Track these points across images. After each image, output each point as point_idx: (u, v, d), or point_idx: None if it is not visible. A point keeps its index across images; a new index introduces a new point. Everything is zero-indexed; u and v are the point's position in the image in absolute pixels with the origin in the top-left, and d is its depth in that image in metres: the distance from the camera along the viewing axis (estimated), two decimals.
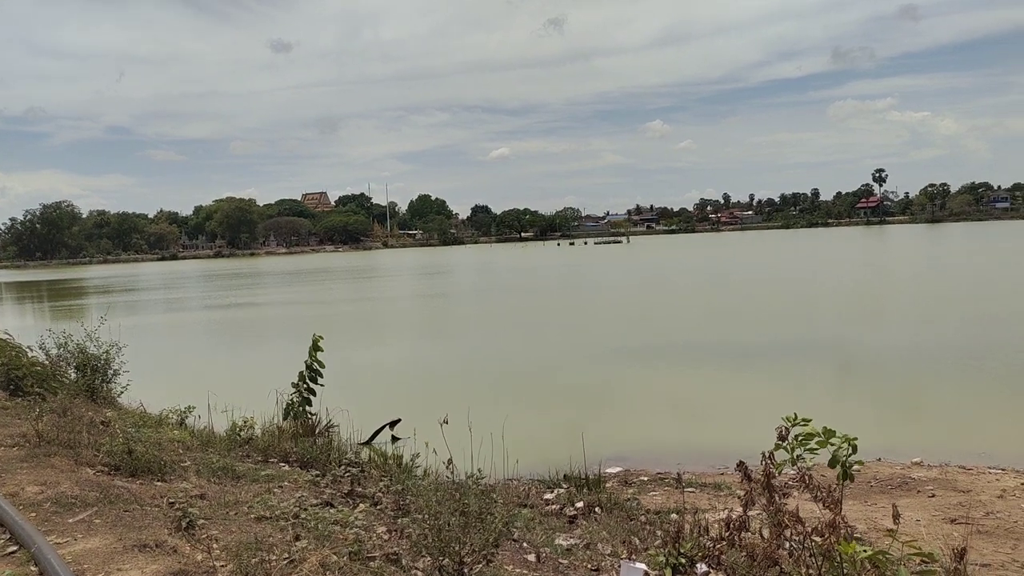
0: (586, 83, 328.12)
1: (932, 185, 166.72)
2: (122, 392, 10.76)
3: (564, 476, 8.54)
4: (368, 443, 10.63)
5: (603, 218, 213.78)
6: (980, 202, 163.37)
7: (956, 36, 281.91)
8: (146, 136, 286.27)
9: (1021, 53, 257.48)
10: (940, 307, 26.19)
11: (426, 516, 4.02)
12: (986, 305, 25.85)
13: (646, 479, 9.19)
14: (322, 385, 9.16)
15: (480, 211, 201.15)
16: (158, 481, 5.54)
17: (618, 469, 9.75)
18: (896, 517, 4.13)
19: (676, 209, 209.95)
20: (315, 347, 9.06)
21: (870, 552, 3.70)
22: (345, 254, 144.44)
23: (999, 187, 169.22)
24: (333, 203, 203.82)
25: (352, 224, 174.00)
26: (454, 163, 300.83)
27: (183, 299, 48.38)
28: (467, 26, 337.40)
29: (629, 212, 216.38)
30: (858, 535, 6.27)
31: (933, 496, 7.72)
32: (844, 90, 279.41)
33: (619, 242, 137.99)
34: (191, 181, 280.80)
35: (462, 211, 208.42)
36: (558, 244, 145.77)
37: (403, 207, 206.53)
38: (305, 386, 8.90)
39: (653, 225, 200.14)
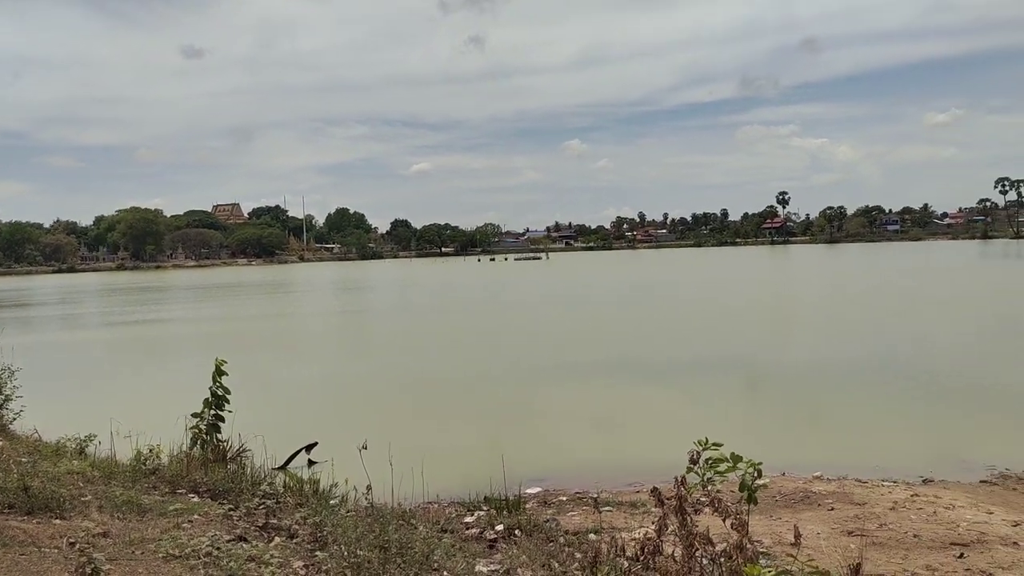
0: (507, 101, 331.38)
1: (830, 208, 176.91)
2: (14, 419, 10.09)
3: (484, 498, 8.56)
4: (283, 468, 10.34)
5: (523, 234, 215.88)
6: (873, 224, 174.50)
7: (852, 68, 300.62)
8: (44, 142, 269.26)
9: (910, 86, 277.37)
10: (840, 324, 27.78)
11: (344, 551, 3.97)
12: (882, 322, 27.62)
13: (565, 499, 9.32)
14: (230, 411, 8.86)
15: (400, 225, 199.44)
16: (56, 519, 5.22)
17: (538, 489, 9.86)
18: (797, 536, 4.39)
19: (594, 227, 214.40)
20: (219, 371, 8.74)
21: (773, 572, 3.92)
22: (259, 268, 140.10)
23: (890, 210, 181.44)
24: (247, 215, 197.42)
25: (266, 237, 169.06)
26: (374, 177, 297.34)
27: (82, 315, 45.70)
28: (388, 40, 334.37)
29: (548, 229, 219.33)
30: (764, 550, 6.59)
31: (832, 509, 8.17)
32: (751, 115, 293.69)
33: (539, 258, 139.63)
34: (93, 190, 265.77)
35: (381, 225, 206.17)
36: (478, 260, 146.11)
37: (320, 220, 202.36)
38: (212, 412, 8.58)
39: (572, 242, 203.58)
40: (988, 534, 7.09)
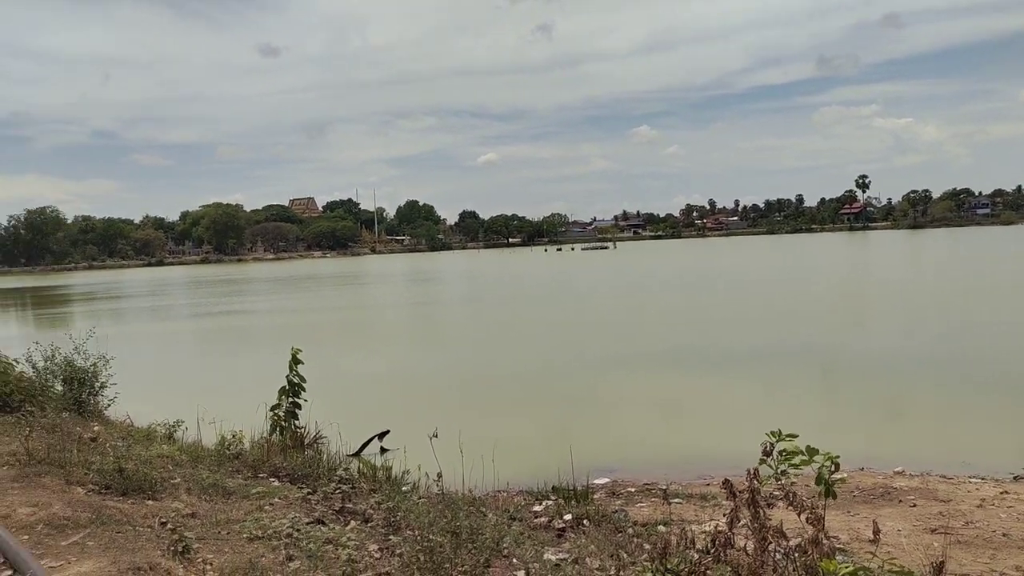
0: (574, 89, 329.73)
1: (914, 191, 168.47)
2: (109, 405, 10.71)
3: (552, 488, 8.60)
4: (357, 455, 10.65)
5: (590, 224, 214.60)
6: (961, 208, 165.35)
7: (938, 44, 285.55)
8: (132, 141, 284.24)
9: (1000, 61, 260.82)
10: (925, 313, 26.49)
11: (417, 535, 4.07)
12: (971, 312, 26.20)
13: (633, 490, 9.26)
14: (306, 400, 9.17)
15: (468, 217, 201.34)
16: (149, 500, 5.54)
17: (606, 480, 9.82)
18: (876, 532, 4.24)
19: (663, 215, 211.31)
20: (295, 360, 9.05)
21: (851, 569, 3.80)
22: (333, 260, 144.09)
23: (980, 193, 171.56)
24: (321, 208, 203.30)
25: (340, 230, 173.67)
26: (442, 168, 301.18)
27: (170, 307, 48.07)
28: (455, 31, 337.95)
29: (616, 218, 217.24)
30: (840, 546, 6.39)
31: (914, 506, 7.84)
32: (829, 96, 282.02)
33: (606, 248, 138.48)
34: (177, 186, 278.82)
35: (450, 216, 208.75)
36: (545, 250, 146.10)
37: (391, 213, 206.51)
38: (290, 400, 8.91)
39: (640, 231, 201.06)
40: None
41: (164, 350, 26.57)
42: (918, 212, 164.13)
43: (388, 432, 11.47)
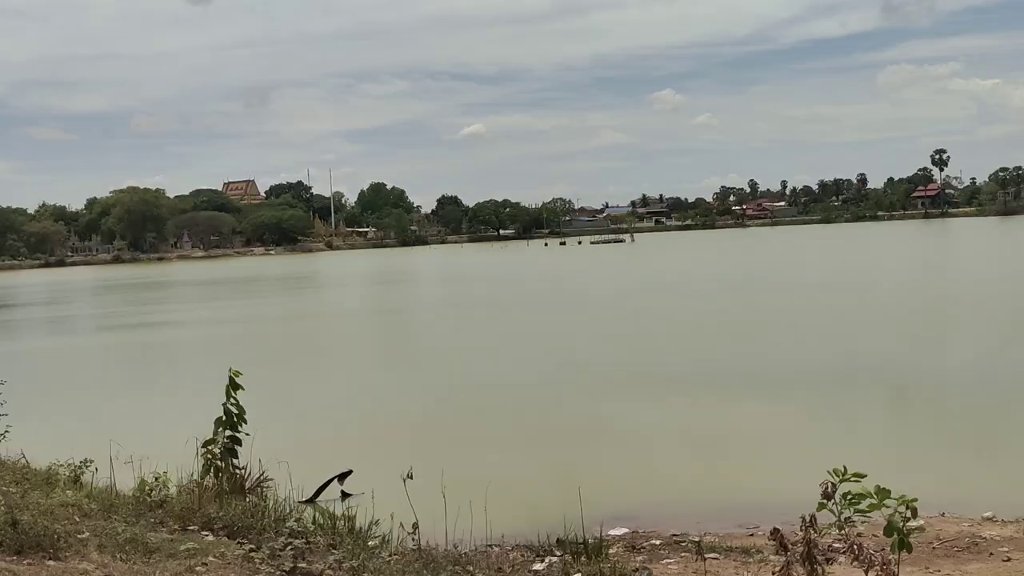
0: (581, 44, 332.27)
1: (1004, 169, 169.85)
2: None
3: (557, 540, 8.62)
4: (312, 501, 10.63)
5: (601, 211, 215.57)
6: None
7: None
8: (23, 110, 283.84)
9: None
10: (1017, 323, 26.67)
11: None
12: None
13: (658, 543, 9.28)
14: (247, 434, 9.15)
15: (448, 203, 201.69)
16: (50, 559, 5.51)
17: (624, 530, 9.84)
18: None
19: (692, 200, 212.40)
20: (233, 385, 9.02)
21: None
22: (279, 257, 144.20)
23: None
24: (263, 194, 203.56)
25: (288, 220, 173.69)
26: (416, 143, 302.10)
27: (74, 317, 48.02)
28: None
29: (634, 204, 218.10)
30: None
31: (1008, 560, 7.90)
32: (897, 52, 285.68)
33: (621, 241, 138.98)
34: (83, 166, 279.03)
35: (426, 203, 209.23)
36: (546, 244, 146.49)
37: (351, 199, 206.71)
38: (227, 434, 8.87)
39: (664, 219, 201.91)
40: None
41: (67, 372, 26.49)
42: (1009, 195, 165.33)
43: (351, 472, 11.45)
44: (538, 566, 7.86)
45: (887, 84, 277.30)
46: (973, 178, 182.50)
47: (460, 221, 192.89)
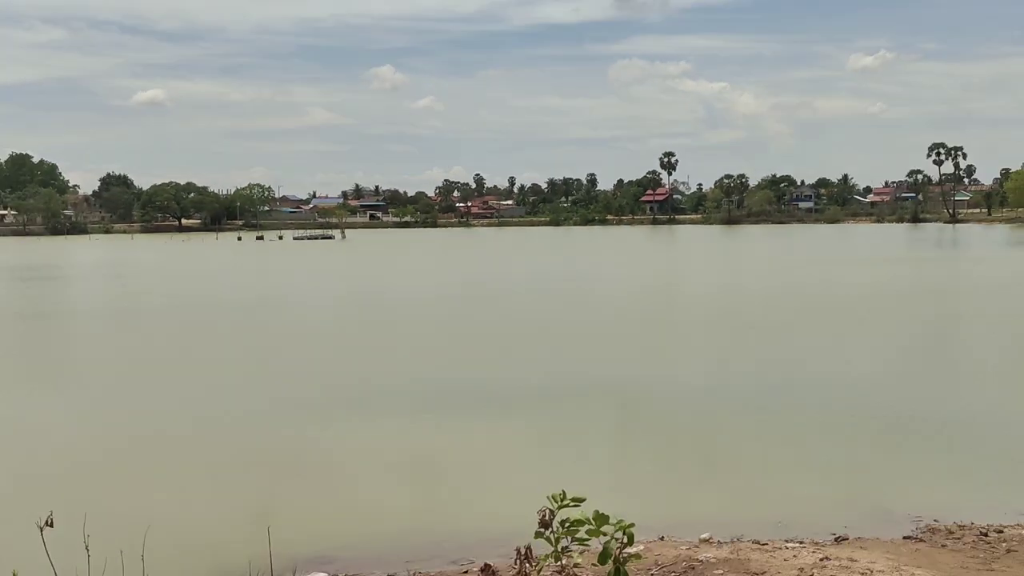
0: (284, 4, 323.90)
1: (729, 176, 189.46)
2: None
3: None
4: None
5: (307, 202, 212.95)
6: (781, 200, 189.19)
7: None
8: None
9: (832, 17, 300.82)
10: (736, 338, 29.81)
11: None
12: (789, 336, 29.96)
13: None
14: None
15: (115, 184, 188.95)
16: None
17: (322, 575, 9.75)
18: None
19: (412, 193, 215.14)
20: None
21: None
22: None
23: (803, 182, 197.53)
24: None
25: None
26: (74, 107, 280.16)
27: None
28: None
29: (345, 195, 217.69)
30: None
31: None
32: (629, 45, 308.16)
33: (331, 238, 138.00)
34: None
35: (85, 183, 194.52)
36: (239, 238, 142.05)
37: None
38: None
39: (380, 215, 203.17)
40: None
41: None
42: (733, 203, 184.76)
43: None
44: None
45: (617, 79, 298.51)
46: (700, 184, 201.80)
47: (131, 207, 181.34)
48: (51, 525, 6.54)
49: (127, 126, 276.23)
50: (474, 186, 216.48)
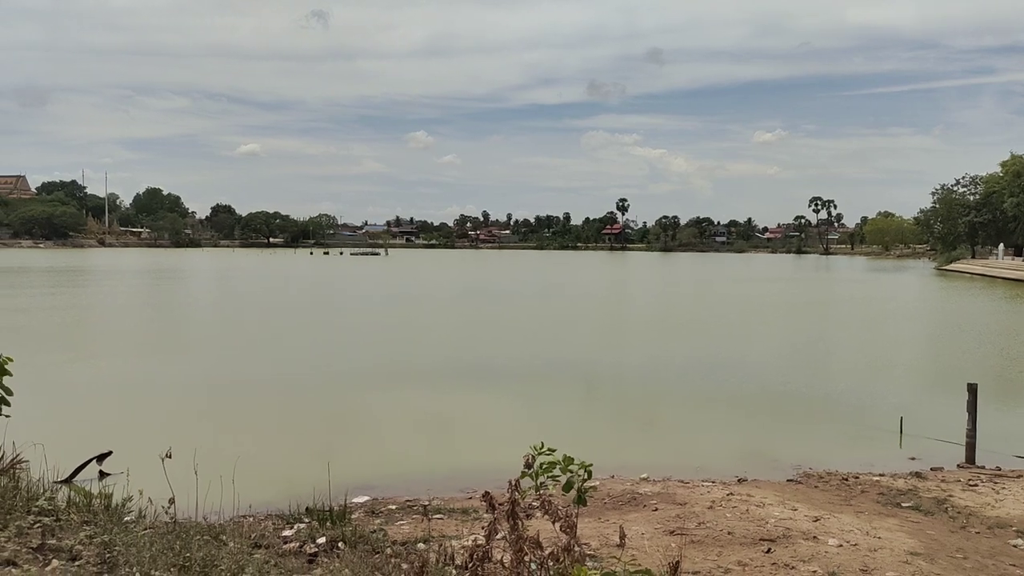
0: (348, 85, 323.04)
1: (665, 217, 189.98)
2: None
3: (306, 509, 8.27)
4: (69, 481, 9.40)
5: (361, 228, 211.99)
6: (703, 235, 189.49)
7: (691, 83, 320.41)
8: None
9: (741, 104, 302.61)
10: (673, 331, 29.83)
11: (136, 573, 3.65)
12: (707, 331, 29.98)
13: (394, 507, 9.24)
14: (7, 416, 7.89)
15: (222, 211, 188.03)
16: None
17: (365, 498, 9.69)
18: (623, 538, 4.65)
19: (436, 223, 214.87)
20: (1, 370, 7.78)
21: (598, 574, 4.12)
22: (48, 251, 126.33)
23: (719, 222, 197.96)
24: (34, 190, 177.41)
25: (59, 216, 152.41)
26: (193, 156, 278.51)
27: None
28: (215, 5, 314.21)
29: (389, 223, 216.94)
30: (591, 552, 6.90)
31: (656, 510, 8.73)
32: (596, 121, 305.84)
33: (377, 254, 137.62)
34: None
35: (200, 210, 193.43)
36: (311, 252, 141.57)
37: (127, 201, 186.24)
38: None
39: (413, 238, 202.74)
40: (792, 530, 7.89)
41: None
42: (668, 236, 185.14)
43: (110, 454, 10.29)
44: (288, 532, 7.48)
45: (588, 145, 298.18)
46: (644, 222, 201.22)
47: (233, 228, 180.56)
48: (170, 457, 6.49)
49: (232, 170, 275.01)
50: (482, 219, 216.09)
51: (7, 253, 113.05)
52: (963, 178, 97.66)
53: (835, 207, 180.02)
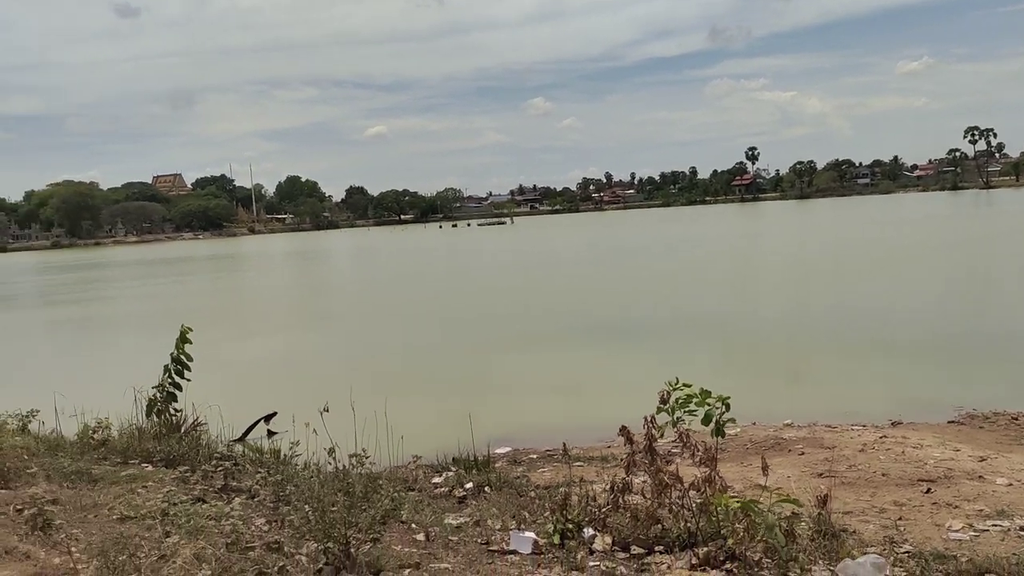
0: (464, 58, 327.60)
1: (800, 162, 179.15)
2: None
3: (453, 459, 8.69)
4: (241, 439, 10.32)
5: (486, 199, 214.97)
6: (843, 178, 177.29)
7: (822, 17, 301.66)
8: None
9: (880, 34, 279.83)
10: (812, 280, 28.40)
11: (309, 500, 4.02)
12: (855, 275, 28.31)
13: (535, 457, 9.50)
14: (189, 380, 8.78)
15: (356, 193, 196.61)
16: (1, 489, 5.16)
17: (507, 449, 10.01)
18: (765, 468, 4.57)
19: (559, 188, 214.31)
20: (183, 339, 8.68)
21: (742, 502, 4.08)
22: (207, 241, 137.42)
23: (860, 163, 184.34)
24: (190, 186, 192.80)
25: (213, 209, 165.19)
26: (326, 142, 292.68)
27: (17, 295, 44.45)
28: None
29: (512, 192, 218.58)
30: (734, 494, 6.83)
31: (803, 454, 8.47)
32: (719, 69, 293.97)
33: (503, 223, 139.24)
34: (19, 163, 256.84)
35: (336, 193, 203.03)
36: (440, 226, 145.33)
37: (270, 190, 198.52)
38: (170, 380, 8.50)
39: (537, 205, 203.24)
40: (955, 470, 7.42)
41: (13, 341, 24.59)
42: (804, 183, 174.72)
43: (275, 414, 11.17)
44: (437, 479, 7.91)
45: (711, 95, 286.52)
46: (777, 170, 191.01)
47: (366, 208, 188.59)
48: (327, 411, 7.01)
49: (362, 152, 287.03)
50: (605, 181, 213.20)
51: (174, 246, 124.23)
52: None
53: (995, 135, 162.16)
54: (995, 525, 5.89)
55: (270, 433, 10.84)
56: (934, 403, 10.86)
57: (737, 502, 4.16)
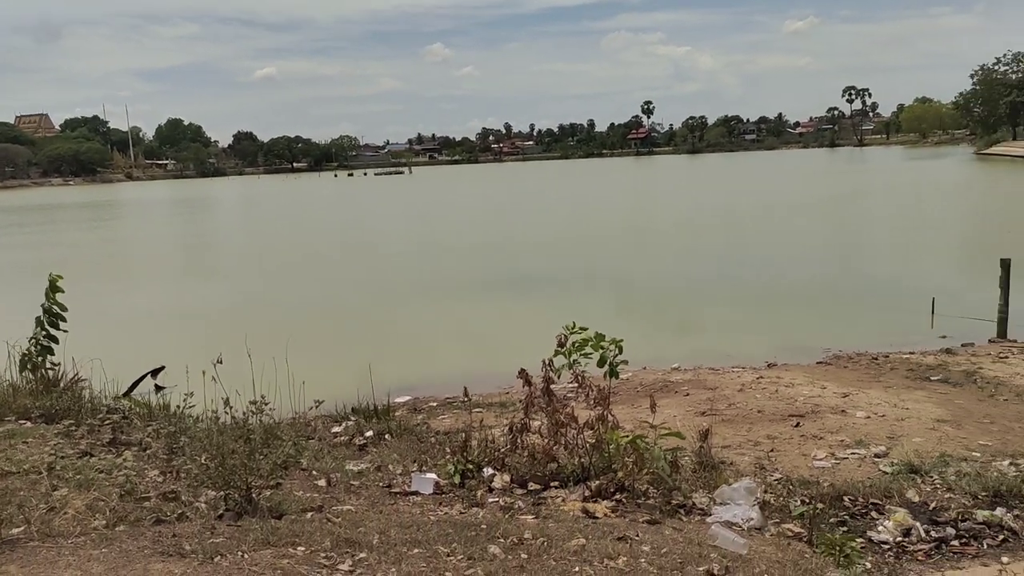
0: (358, 0, 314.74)
1: (692, 118, 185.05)
2: None
3: (352, 409, 8.70)
4: (127, 395, 9.91)
5: (383, 148, 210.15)
6: (732, 134, 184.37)
7: None
8: None
9: None
10: (700, 233, 29.66)
11: (207, 448, 3.98)
12: (736, 229, 29.78)
13: (435, 405, 9.66)
14: (66, 331, 8.32)
15: (244, 139, 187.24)
16: None
17: (407, 398, 10.11)
18: (653, 407, 4.89)
19: (459, 139, 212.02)
20: (53, 288, 8.18)
21: (631, 437, 4.37)
22: (79, 188, 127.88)
23: (748, 120, 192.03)
24: (58, 128, 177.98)
25: (85, 152, 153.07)
26: (210, 84, 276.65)
27: None
28: None
29: (410, 141, 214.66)
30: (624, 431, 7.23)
31: (688, 395, 9.02)
32: (616, 22, 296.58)
33: (401, 173, 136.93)
34: None
35: (223, 139, 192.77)
36: (335, 175, 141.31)
37: (149, 134, 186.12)
38: (44, 333, 8.03)
39: (436, 155, 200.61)
40: (821, 405, 8.13)
41: None
42: (695, 137, 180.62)
43: (163, 368, 10.81)
44: (336, 428, 7.93)
45: (609, 47, 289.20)
46: (671, 124, 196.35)
47: (256, 155, 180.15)
48: (220, 362, 6.84)
49: (250, 95, 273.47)
50: (504, 132, 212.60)
51: (41, 192, 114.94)
52: (1004, 56, 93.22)
53: (870, 96, 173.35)
54: (853, 453, 6.53)
55: (158, 388, 10.47)
56: (806, 346, 11.74)
57: (626, 438, 4.44)
